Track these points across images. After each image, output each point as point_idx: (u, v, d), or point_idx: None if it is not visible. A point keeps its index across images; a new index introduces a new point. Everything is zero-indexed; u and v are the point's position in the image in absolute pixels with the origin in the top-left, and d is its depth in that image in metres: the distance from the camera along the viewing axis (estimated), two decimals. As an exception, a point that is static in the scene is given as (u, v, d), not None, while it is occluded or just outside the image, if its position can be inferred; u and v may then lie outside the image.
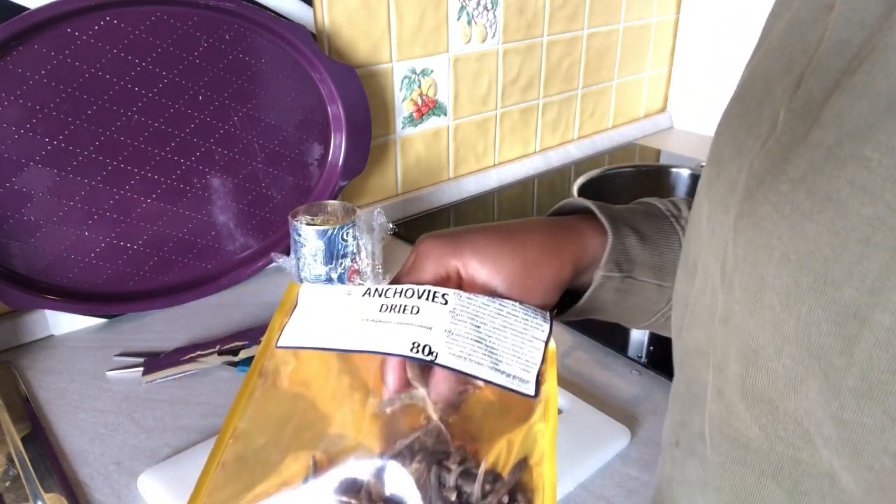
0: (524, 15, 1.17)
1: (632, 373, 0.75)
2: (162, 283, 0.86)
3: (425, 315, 0.36)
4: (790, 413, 0.29)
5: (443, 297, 0.37)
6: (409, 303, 0.37)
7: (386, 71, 1.03)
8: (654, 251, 0.47)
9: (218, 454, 0.36)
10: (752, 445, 0.32)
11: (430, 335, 0.35)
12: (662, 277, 0.48)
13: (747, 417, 0.32)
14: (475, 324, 0.36)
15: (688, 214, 0.50)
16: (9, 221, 0.74)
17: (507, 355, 0.36)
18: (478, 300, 0.37)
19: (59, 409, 0.69)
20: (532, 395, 0.35)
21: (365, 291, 0.39)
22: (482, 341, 0.36)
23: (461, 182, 1.20)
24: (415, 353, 0.35)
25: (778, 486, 0.31)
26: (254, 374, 0.38)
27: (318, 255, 0.83)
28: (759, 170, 0.30)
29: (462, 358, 0.35)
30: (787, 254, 0.27)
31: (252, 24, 0.83)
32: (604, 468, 0.62)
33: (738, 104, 0.36)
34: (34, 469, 0.61)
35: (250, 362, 0.74)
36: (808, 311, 0.26)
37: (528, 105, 1.27)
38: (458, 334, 0.36)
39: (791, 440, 0.30)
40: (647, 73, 1.50)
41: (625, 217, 0.47)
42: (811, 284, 0.26)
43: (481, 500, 0.33)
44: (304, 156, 0.94)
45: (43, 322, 0.80)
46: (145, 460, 0.63)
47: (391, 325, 0.36)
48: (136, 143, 0.79)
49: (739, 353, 0.31)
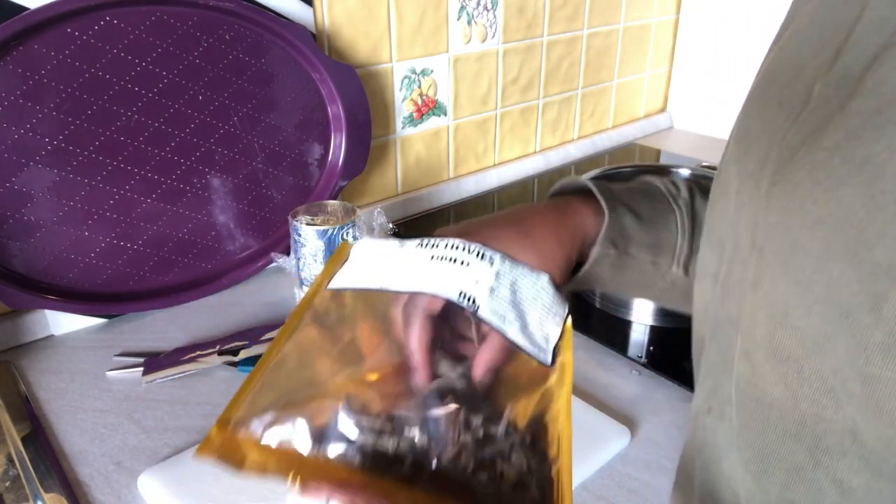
0: (524, 15, 1.17)
1: (632, 373, 0.75)
2: (162, 283, 0.86)
3: (473, 270, 0.39)
4: (816, 371, 0.30)
5: (490, 258, 0.40)
6: (460, 256, 0.39)
7: (386, 71, 1.03)
8: (650, 230, 0.49)
9: (264, 364, 0.38)
10: (777, 404, 0.33)
11: (476, 288, 0.38)
12: (658, 255, 0.49)
13: (773, 377, 0.33)
14: (513, 289, 0.39)
15: (686, 195, 0.51)
16: (9, 221, 0.74)
17: (534, 324, 0.39)
18: (519, 268, 0.40)
19: (59, 409, 0.69)
20: (548, 363, 0.38)
21: (417, 243, 0.41)
22: (516, 305, 0.39)
23: (461, 182, 1.20)
24: (460, 300, 0.37)
25: (799, 443, 0.32)
26: (301, 310, 0.40)
27: (318, 255, 0.83)
28: (793, 141, 0.31)
29: (497, 315, 0.37)
30: (820, 217, 0.28)
31: (252, 24, 0.83)
32: (604, 468, 0.62)
33: (766, 82, 0.36)
34: (34, 469, 0.61)
35: (250, 362, 0.74)
36: (840, 272, 0.27)
37: (528, 105, 1.27)
38: (498, 294, 0.38)
39: (815, 397, 0.30)
40: (647, 73, 1.50)
41: (622, 196, 0.49)
42: (844, 245, 0.27)
43: (504, 438, 0.35)
44: (304, 156, 0.94)
45: (43, 322, 0.80)
46: (145, 460, 0.63)
47: (441, 272, 0.39)
48: (136, 143, 0.79)
49: (768, 316, 0.32)
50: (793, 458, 0.33)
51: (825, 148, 0.29)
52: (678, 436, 0.66)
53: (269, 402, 0.36)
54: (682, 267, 0.51)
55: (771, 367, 0.33)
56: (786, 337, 0.31)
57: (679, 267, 0.51)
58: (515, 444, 0.35)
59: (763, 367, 0.33)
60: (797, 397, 0.32)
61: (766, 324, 0.33)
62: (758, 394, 0.34)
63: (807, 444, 0.32)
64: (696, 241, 0.50)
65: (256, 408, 0.36)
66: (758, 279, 0.33)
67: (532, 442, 0.36)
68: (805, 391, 0.31)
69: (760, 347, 0.33)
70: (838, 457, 0.30)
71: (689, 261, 0.51)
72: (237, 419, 0.35)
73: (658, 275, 0.50)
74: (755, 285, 0.33)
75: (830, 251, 0.28)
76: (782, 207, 0.31)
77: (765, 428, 0.34)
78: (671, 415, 0.69)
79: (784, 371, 0.32)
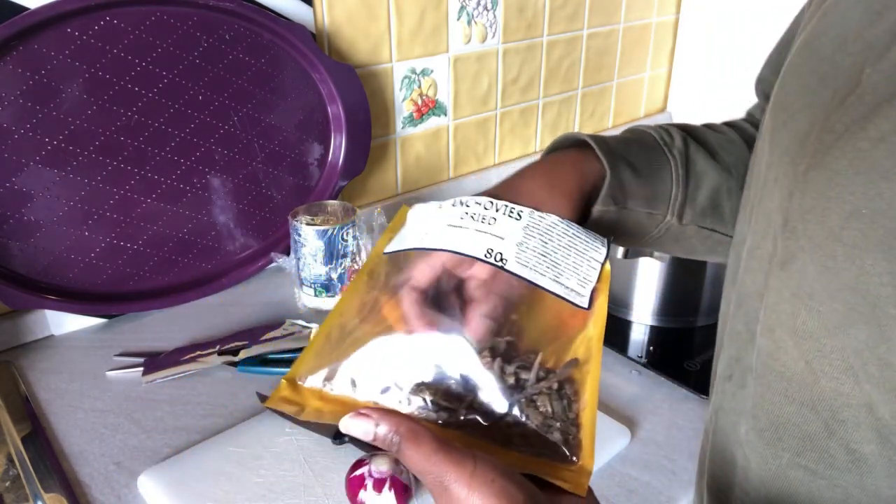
0: (524, 15, 1.17)
1: (632, 373, 0.75)
2: (162, 283, 0.86)
3: (500, 226, 0.41)
4: (837, 350, 0.31)
5: (518, 213, 0.41)
6: (489, 213, 0.41)
7: (386, 71, 1.03)
8: (646, 183, 0.49)
9: (326, 326, 0.41)
10: (796, 378, 0.34)
11: (502, 244, 0.40)
12: (653, 206, 0.50)
13: (795, 353, 0.34)
14: (543, 240, 0.41)
15: (681, 143, 0.51)
16: (9, 221, 0.74)
17: (568, 271, 0.40)
18: (548, 219, 0.41)
19: (59, 409, 0.69)
20: (585, 306, 0.39)
21: (454, 202, 0.43)
22: (547, 255, 0.40)
23: (461, 182, 1.20)
24: (487, 258, 0.39)
25: (816, 415, 0.33)
26: (363, 273, 0.43)
27: (318, 255, 0.83)
28: (837, 125, 0.31)
29: (527, 267, 0.39)
30: (859, 208, 0.29)
31: (252, 24, 0.83)
32: (604, 468, 0.62)
33: (807, 51, 0.36)
34: (34, 469, 0.61)
35: (250, 362, 0.74)
36: (873, 263, 0.28)
37: (528, 105, 1.27)
38: (527, 247, 0.40)
39: (835, 375, 0.32)
40: (647, 73, 1.50)
41: (620, 151, 0.49)
42: (880, 239, 0.28)
43: (535, 383, 0.37)
44: (304, 156, 0.94)
45: (43, 322, 0.80)
46: (145, 460, 0.63)
47: (470, 231, 0.40)
48: (136, 143, 0.79)
49: (793, 295, 0.33)
50: (808, 427, 0.34)
51: (870, 138, 0.29)
52: (678, 436, 0.66)
53: (329, 357, 0.39)
54: (675, 216, 0.51)
55: (793, 343, 0.34)
56: (809, 318, 0.32)
57: (673, 216, 0.51)
58: (543, 389, 0.37)
59: (785, 343, 0.34)
60: (817, 374, 0.33)
61: (790, 302, 0.33)
62: (779, 367, 0.35)
63: (823, 417, 0.33)
64: (690, 190, 0.51)
65: (319, 363, 0.39)
66: (786, 259, 0.34)
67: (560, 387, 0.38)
68: (826, 369, 0.32)
69: (783, 325, 0.34)
70: (853, 428, 0.32)
71: (682, 209, 0.51)
72: (301, 373, 0.39)
73: (653, 224, 0.51)
74: (783, 264, 0.34)
75: (866, 242, 0.28)
76: (820, 193, 0.31)
77: (783, 400, 0.35)
78: (671, 415, 0.68)
79: (806, 349, 0.33)
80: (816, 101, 0.33)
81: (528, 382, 0.37)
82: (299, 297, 0.87)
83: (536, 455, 0.36)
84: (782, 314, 0.34)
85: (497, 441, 0.36)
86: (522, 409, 0.36)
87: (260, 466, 0.60)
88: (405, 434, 0.31)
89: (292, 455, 0.61)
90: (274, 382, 0.73)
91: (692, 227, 0.52)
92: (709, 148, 0.53)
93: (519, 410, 0.36)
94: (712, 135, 0.54)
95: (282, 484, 0.58)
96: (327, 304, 0.86)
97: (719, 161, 0.52)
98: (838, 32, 0.33)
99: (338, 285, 0.85)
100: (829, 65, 0.33)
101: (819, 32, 0.35)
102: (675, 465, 0.62)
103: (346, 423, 0.33)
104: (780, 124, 0.36)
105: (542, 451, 0.36)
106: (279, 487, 0.58)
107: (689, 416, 0.68)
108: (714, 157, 0.52)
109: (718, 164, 0.52)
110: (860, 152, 0.29)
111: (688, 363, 0.75)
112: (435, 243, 0.41)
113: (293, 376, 0.39)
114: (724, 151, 0.53)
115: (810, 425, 0.34)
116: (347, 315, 0.41)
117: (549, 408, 0.36)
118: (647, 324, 0.84)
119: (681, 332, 0.83)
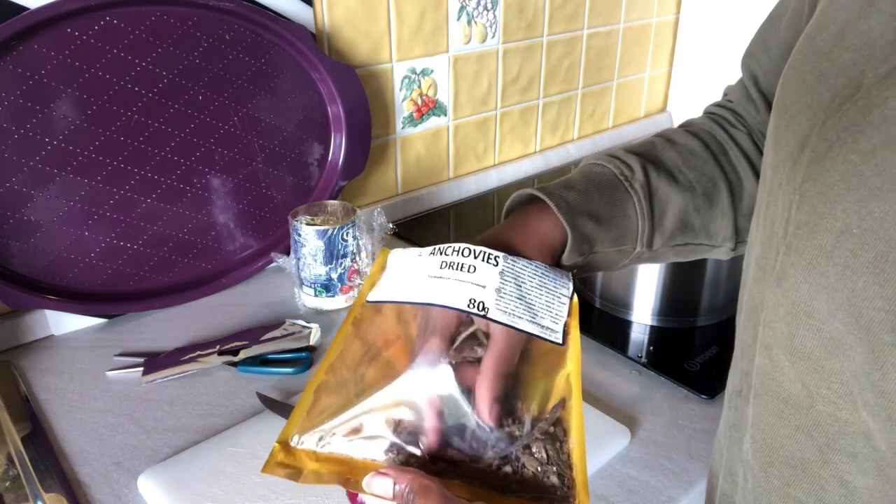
0: (524, 15, 1.17)
1: (632, 373, 0.75)
2: (162, 283, 0.86)
3: (480, 274, 0.41)
4: (835, 373, 0.30)
5: (494, 259, 0.42)
6: (467, 262, 0.42)
7: (386, 71, 1.03)
8: (610, 227, 0.50)
9: (315, 383, 0.41)
10: (793, 401, 0.33)
11: (483, 293, 0.40)
12: (621, 243, 0.50)
13: (791, 373, 0.33)
14: (517, 283, 0.41)
15: (641, 175, 0.51)
16: (9, 221, 0.74)
17: (542, 310, 0.41)
18: (519, 262, 0.43)
19: (59, 409, 0.69)
20: (560, 342, 0.40)
21: (432, 251, 0.43)
22: (523, 298, 0.41)
23: (461, 182, 1.20)
24: (471, 308, 0.40)
25: (811, 441, 0.32)
26: (347, 323, 0.44)
27: (318, 255, 0.83)
28: (830, 133, 0.30)
29: (507, 313, 0.40)
30: (849, 227, 0.28)
31: (252, 24, 0.83)
32: (604, 468, 0.62)
33: (808, 46, 0.35)
34: (34, 469, 0.61)
35: (250, 362, 0.74)
36: (864, 286, 0.27)
37: (528, 105, 1.27)
38: (504, 293, 0.41)
39: (832, 399, 0.30)
40: (647, 73, 1.50)
41: (580, 204, 0.49)
42: (871, 260, 0.27)
43: (530, 431, 0.38)
44: (304, 156, 0.94)
45: (43, 322, 0.80)
46: (145, 460, 0.63)
47: (451, 282, 0.41)
48: (136, 143, 0.79)
49: (789, 314, 0.32)
50: (801, 454, 0.33)
51: (862, 151, 0.28)
52: (678, 436, 0.66)
53: (322, 416, 0.40)
54: (645, 245, 0.51)
55: (790, 363, 0.32)
56: (806, 337, 0.31)
57: (643, 246, 0.51)
58: (538, 436, 0.38)
59: (782, 362, 0.33)
60: (814, 397, 0.31)
61: (786, 321, 0.32)
62: (775, 387, 0.34)
63: (818, 443, 0.32)
64: (656, 219, 0.51)
65: (311, 423, 0.40)
66: (782, 275, 0.33)
67: (553, 431, 0.39)
68: (823, 392, 0.31)
69: (780, 343, 0.33)
70: (849, 458, 0.30)
71: (651, 238, 0.51)
72: (293, 435, 0.40)
73: (623, 256, 0.52)
74: (779, 280, 0.33)
75: (856, 263, 0.27)
76: (812, 208, 0.30)
77: (777, 422, 0.34)
78: (671, 415, 0.68)
79: (803, 369, 0.32)
80: (816, 101, 0.32)
81: (523, 431, 0.38)
82: (299, 297, 0.87)
83: (535, 500, 0.37)
84: (779, 332, 0.33)
85: (496, 488, 0.37)
86: (519, 457, 0.38)
87: (260, 466, 0.60)
88: (418, 489, 0.34)
89: (292, 455, 0.61)
90: (274, 382, 0.73)
91: (664, 248, 0.52)
92: (669, 170, 0.52)
93: (516, 459, 0.38)
94: (671, 153, 0.53)
95: (282, 484, 0.58)
96: (327, 304, 0.86)
97: (681, 182, 0.52)
98: (838, 26, 0.32)
99: (338, 285, 0.85)
100: (828, 61, 0.32)
101: (820, 26, 0.34)
102: (675, 465, 0.62)
103: (368, 483, 0.36)
104: (783, 125, 0.35)
105: (541, 495, 0.37)
106: (279, 487, 0.58)
107: (689, 416, 0.68)
108: (675, 179, 0.51)
109: (680, 184, 0.51)
110: (851, 166, 0.28)
111: (688, 363, 0.75)
112: (419, 297, 0.41)
113: (285, 438, 0.39)
114: (686, 167, 0.53)
115: (804, 452, 0.33)
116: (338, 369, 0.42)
117: (543, 454, 0.38)
118: (647, 324, 0.84)
119: (681, 332, 0.83)
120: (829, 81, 0.31)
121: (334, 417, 0.39)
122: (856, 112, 0.29)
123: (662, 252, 0.53)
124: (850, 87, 0.30)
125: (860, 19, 0.31)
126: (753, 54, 0.54)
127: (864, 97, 0.29)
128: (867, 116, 0.28)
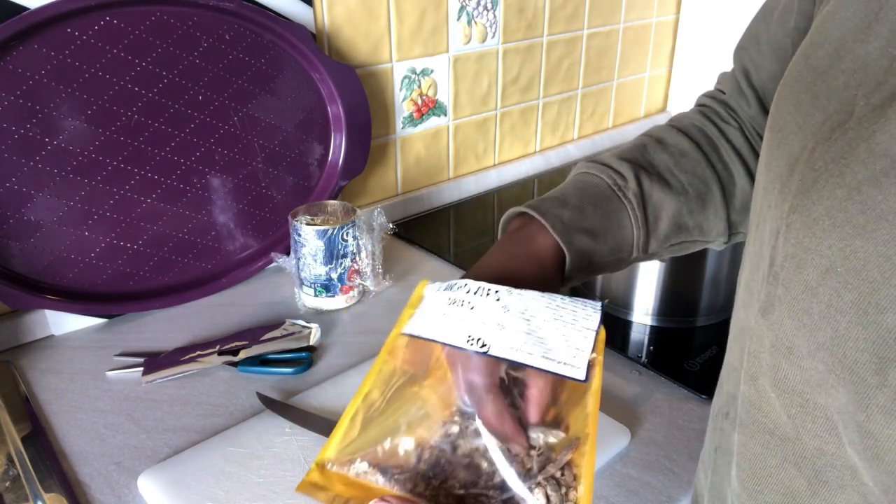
0: (524, 15, 1.17)
1: (632, 373, 0.75)
2: (162, 283, 0.86)
3: (480, 311, 0.41)
4: (821, 407, 0.29)
5: (496, 294, 0.41)
6: (467, 298, 0.42)
7: (386, 71, 1.03)
8: (606, 239, 0.50)
9: (351, 409, 0.42)
10: (779, 432, 0.32)
11: (483, 329, 0.40)
12: (618, 253, 0.51)
13: (777, 405, 0.32)
14: (525, 317, 0.40)
15: (634, 184, 0.51)
16: (9, 221, 0.74)
17: (558, 344, 0.39)
18: (527, 295, 0.41)
19: (59, 409, 0.69)
20: (582, 379, 0.38)
21: (447, 286, 0.44)
22: (532, 333, 0.39)
23: (461, 182, 1.20)
24: (469, 346, 0.39)
25: (799, 472, 0.32)
26: (384, 352, 0.44)
27: (318, 255, 0.83)
28: (819, 162, 0.29)
29: (513, 349, 0.39)
30: (834, 265, 0.27)
31: (252, 24, 0.83)
32: (604, 468, 0.62)
33: (803, 63, 0.34)
34: (34, 469, 0.61)
35: (250, 362, 0.74)
36: (847, 326, 0.27)
37: (528, 105, 1.27)
38: (508, 328, 0.39)
39: (818, 432, 0.30)
40: (647, 73, 1.50)
41: (575, 222, 0.49)
42: (854, 301, 0.26)
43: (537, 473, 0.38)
44: (304, 156, 0.94)
45: (43, 322, 0.80)
46: (145, 460, 0.63)
47: (453, 319, 0.41)
48: (136, 143, 0.79)
49: (773, 347, 0.32)
50: (791, 484, 0.32)
51: (847, 185, 0.27)
52: (678, 436, 0.66)
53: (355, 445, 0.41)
54: (641, 251, 0.52)
55: (776, 395, 0.32)
56: (791, 372, 0.31)
57: (639, 252, 0.52)
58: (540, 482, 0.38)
59: (769, 394, 0.33)
60: (799, 429, 0.31)
61: (770, 353, 0.32)
62: (761, 418, 0.34)
63: (807, 475, 0.31)
64: (651, 226, 0.51)
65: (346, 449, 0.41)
66: (768, 306, 0.32)
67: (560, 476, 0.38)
68: (808, 426, 0.30)
69: (765, 374, 0.33)
70: (837, 490, 0.30)
71: (647, 244, 0.52)
72: (329, 459, 0.41)
73: (620, 264, 0.52)
74: (764, 312, 0.33)
75: (840, 303, 0.27)
76: (798, 242, 0.30)
77: (765, 452, 0.34)
78: (671, 415, 0.69)
79: (789, 402, 0.31)
80: (808, 123, 0.31)
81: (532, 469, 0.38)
82: (299, 297, 0.87)
83: None
84: (764, 364, 0.33)
85: None
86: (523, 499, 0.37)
87: (260, 466, 0.60)
88: None
89: (292, 455, 0.61)
90: (274, 382, 0.73)
91: (659, 249, 0.53)
92: (661, 174, 0.52)
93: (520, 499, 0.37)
94: (662, 156, 0.53)
95: (282, 484, 0.58)
96: (327, 304, 0.86)
97: (673, 186, 0.52)
98: (834, 46, 0.32)
99: (338, 285, 0.85)
100: (822, 82, 0.31)
101: (816, 44, 0.33)
102: (675, 465, 0.62)
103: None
104: (775, 145, 0.34)
105: None
106: (279, 487, 0.58)
107: (689, 416, 0.68)
108: (668, 184, 0.52)
109: (673, 188, 0.52)
110: (836, 201, 0.27)
111: (688, 363, 0.75)
112: (429, 333, 0.42)
113: (322, 461, 0.41)
114: (678, 169, 0.53)
115: (793, 482, 0.32)
116: (372, 396, 0.42)
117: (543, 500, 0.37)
118: (647, 324, 0.84)
119: (681, 332, 0.83)
120: (822, 103, 0.31)
121: (366, 448, 0.41)
122: (844, 143, 0.28)
123: (658, 253, 0.53)
124: (842, 113, 0.29)
125: (857, 42, 0.30)
126: (745, 48, 0.54)
127: (853, 127, 0.28)
128: (854, 150, 0.27)
